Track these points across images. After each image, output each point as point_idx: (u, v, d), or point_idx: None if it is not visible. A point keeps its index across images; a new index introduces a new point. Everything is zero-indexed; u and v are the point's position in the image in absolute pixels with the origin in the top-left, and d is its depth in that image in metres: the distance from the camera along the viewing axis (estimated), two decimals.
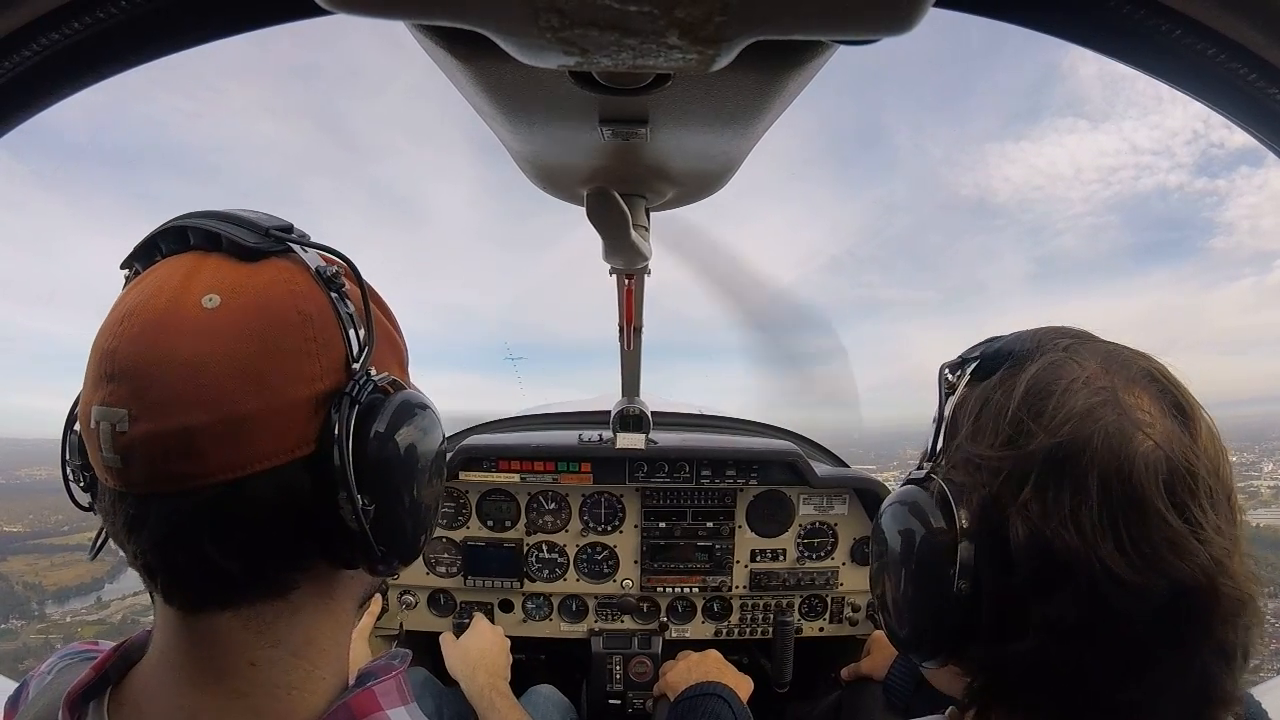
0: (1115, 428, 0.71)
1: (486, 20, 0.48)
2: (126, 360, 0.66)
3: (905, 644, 0.86)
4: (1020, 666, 0.73)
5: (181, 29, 0.73)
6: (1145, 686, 0.70)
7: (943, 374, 0.88)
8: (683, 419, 3.26)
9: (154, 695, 0.75)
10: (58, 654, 0.89)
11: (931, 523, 0.78)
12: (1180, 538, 0.67)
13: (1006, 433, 0.75)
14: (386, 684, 0.81)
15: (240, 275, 0.71)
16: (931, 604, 0.79)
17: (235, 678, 0.73)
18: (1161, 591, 0.67)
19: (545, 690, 2.36)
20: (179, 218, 0.75)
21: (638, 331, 1.94)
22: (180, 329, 0.67)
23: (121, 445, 0.66)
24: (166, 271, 0.72)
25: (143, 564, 0.71)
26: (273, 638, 0.74)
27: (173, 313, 0.67)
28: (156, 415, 0.65)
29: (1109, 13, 0.63)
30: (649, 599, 2.70)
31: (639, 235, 1.09)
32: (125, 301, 0.70)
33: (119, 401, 0.66)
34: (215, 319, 0.67)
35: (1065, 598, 0.69)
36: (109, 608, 12.82)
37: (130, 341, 0.67)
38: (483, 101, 0.74)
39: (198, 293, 0.68)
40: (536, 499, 2.65)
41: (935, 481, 0.81)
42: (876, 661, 2.20)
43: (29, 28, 0.69)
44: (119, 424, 0.66)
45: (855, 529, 2.68)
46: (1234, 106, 0.70)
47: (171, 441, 0.66)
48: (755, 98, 0.71)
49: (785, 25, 0.48)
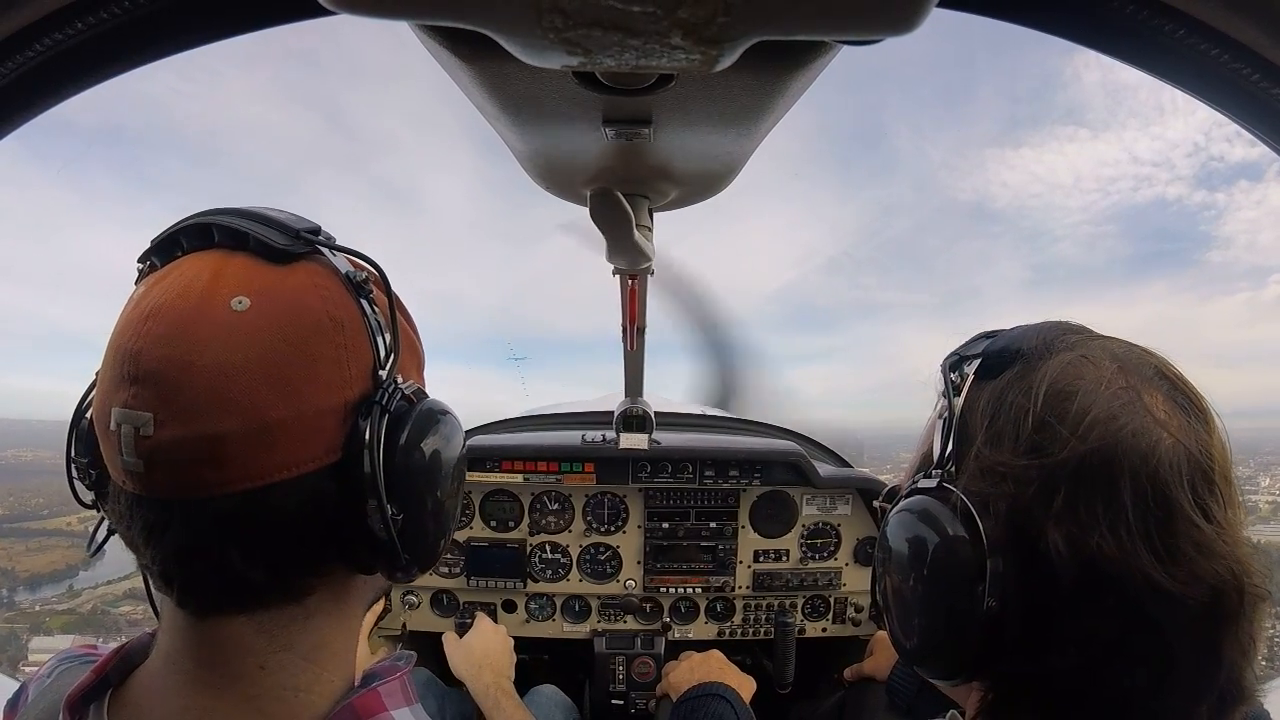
0: (1141, 429, 0.70)
1: (490, 21, 0.49)
2: (152, 362, 0.64)
3: (920, 660, 0.82)
4: (1058, 682, 0.71)
5: (185, 30, 0.73)
6: (1180, 691, 0.69)
7: (945, 371, 0.85)
8: (686, 419, 3.26)
9: (157, 698, 0.75)
10: (57, 657, 0.89)
11: (951, 535, 0.74)
12: (1208, 540, 0.67)
13: (1031, 439, 0.73)
14: (391, 684, 0.81)
15: (270, 277, 0.69)
16: (956, 623, 0.75)
17: (244, 681, 0.73)
18: (1197, 598, 0.66)
19: (548, 690, 2.36)
20: (203, 213, 0.73)
21: (641, 332, 1.94)
22: (209, 331, 0.65)
23: (145, 450, 0.64)
24: (192, 269, 0.70)
25: (159, 570, 0.70)
26: (285, 641, 0.74)
27: (201, 314, 0.66)
28: (184, 421, 0.64)
29: (1112, 12, 0.63)
30: (652, 599, 2.70)
31: (642, 235, 1.09)
32: (148, 299, 0.68)
33: (144, 405, 0.64)
34: (245, 322, 0.66)
35: (1107, 610, 0.68)
36: (80, 596, 12.74)
37: (156, 343, 0.65)
38: (486, 102, 0.74)
39: (226, 294, 0.67)
40: (540, 499, 2.66)
41: (953, 493, 0.76)
42: (879, 662, 2.20)
43: (32, 28, 0.69)
44: (143, 428, 0.64)
45: (859, 529, 2.68)
46: (1237, 107, 0.70)
47: (198, 448, 0.64)
48: (758, 98, 0.71)
49: (788, 25, 0.48)
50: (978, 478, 0.76)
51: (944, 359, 0.86)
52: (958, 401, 0.81)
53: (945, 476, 0.79)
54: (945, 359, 0.86)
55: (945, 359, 0.86)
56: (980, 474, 0.76)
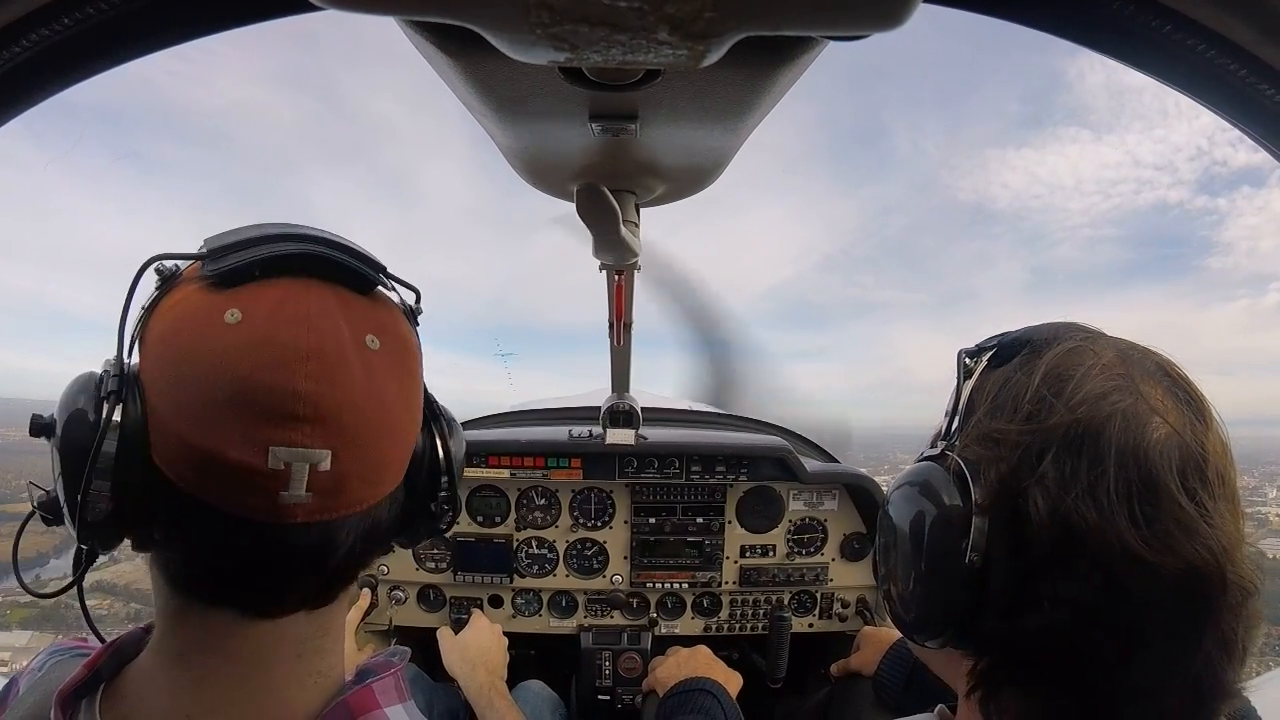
0: (1132, 411, 0.72)
1: (477, 17, 0.48)
2: (322, 400, 0.68)
3: (909, 622, 0.85)
4: (1030, 643, 0.73)
5: (174, 24, 0.72)
6: (1150, 670, 0.70)
7: (960, 359, 0.88)
8: (673, 414, 3.26)
9: (150, 694, 0.75)
10: (47, 650, 0.89)
11: (945, 498, 0.78)
12: (1191, 520, 0.68)
13: (1026, 409, 0.76)
14: (385, 681, 0.82)
15: (377, 314, 0.78)
16: (941, 579, 0.78)
17: (241, 679, 0.74)
18: (1173, 572, 0.67)
19: (535, 686, 2.37)
20: (282, 238, 0.73)
21: (628, 328, 1.94)
22: (363, 372, 0.72)
23: (321, 483, 0.69)
24: (309, 305, 0.71)
25: (238, 590, 0.74)
26: (282, 640, 0.75)
27: (351, 355, 0.72)
28: (359, 452, 0.71)
29: (1100, 8, 0.64)
30: (639, 594, 2.70)
31: (629, 231, 1.09)
32: (279, 335, 0.68)
33: (321, 443, 0.68)
34: (382, 361, 0.75)
35: (1080, 572, 0.69)
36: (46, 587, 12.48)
37: (321, 383, 0.68)
38: (472, 98, 0.74)
39: (361, 333, 0.74)
40: (526, 494, 2.65)
41: (951, 458, 0.80)
42: (867, 657, 2.21)
43: (19, 23, 0.68)
44: (321, 464, 0.68)
45: (845, 525, 2.69)
46: (1226, 103, 0.70)
47: (368, 473, 0.73)
48: (745, 93, 0.71)
49: (774, 21, 0.48)
50: (974, 444, 0.80)
51: (960, 349, 0.90)
52: (968, 384, 0.86)
53: (947, 446, 0.83)
54: (961, 349, 0.90)
55: (961, 349, 0.90)
56: (977, 440, 0.80)
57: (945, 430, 0.86)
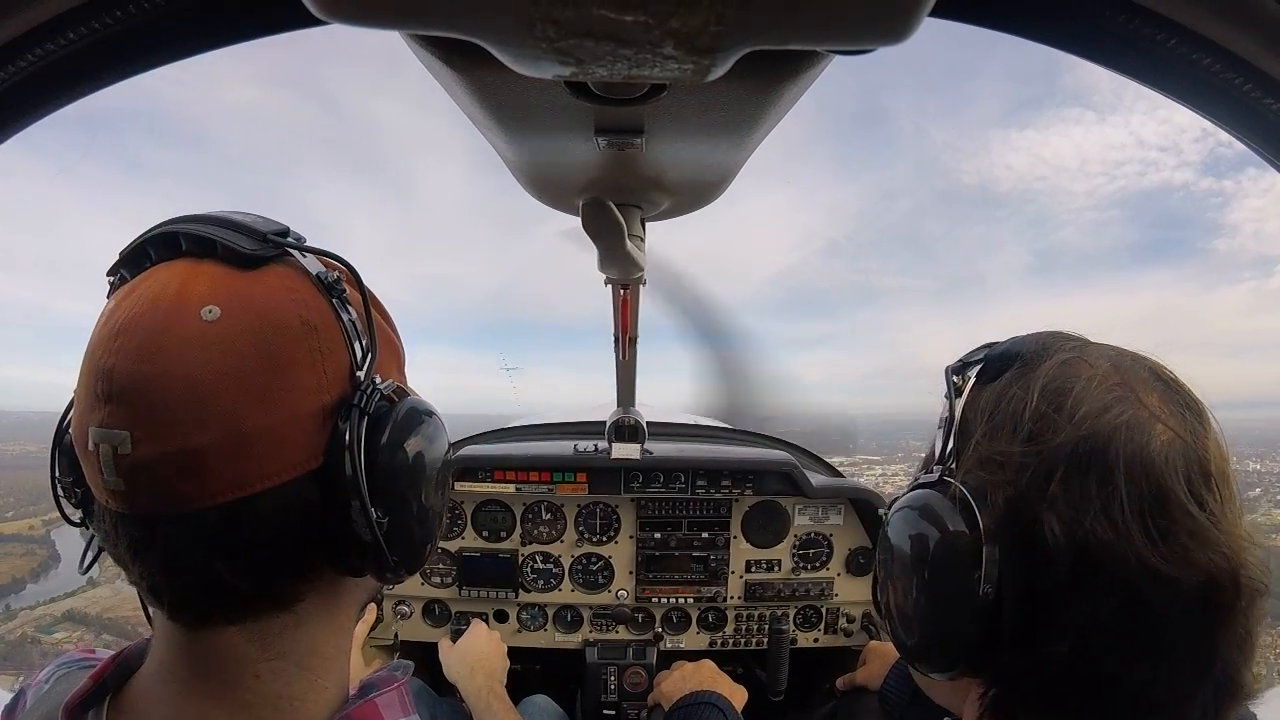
0: (1135, 420, 0.71)
1: (482, 31, 0.48)
2: (125, 379, 0.64)
3: (918, 655, 0.83)
4: (1054, 671, 0.71)
5: (177, 40, 0.73)
6: (1175, 682, 0.70)
7: (948, 376, 0.86)
8: (678, 429, 3.26)
9: (154, 705, 0.75)
10: (55, 662, 0.89)
11: (949, 526, 0.76)
12: (1202, 529, 0.68)
13: (1028, 428, 0.74)
14: (389, 695, 0.81)
15: (239, 284, 0.69)
16: (952, 612, 0.76)
17: (239, 690, 0.73)
18: (1191, 583, 0.67)
19: (540, 700, 2.35)
20: (168, 222, 0.72)
21: (633, 342, 1.94)
22: (180, 344, 0.64)
23: (124, 468, 0.64)
24: (160, 280, 0.69)
25: (148, 585, 0.70)
26: (277, 650, 0.74)
27: (171, 327, 0.65)
28: (161, 437, 0.64)
29: (1103, 21, 0.64)
30: (644, 609, 2.69)
31: (634, 245, 1.09)
32: (118, 314, 0.67)
33: (120, 424, 0.64)
34: (216, 332, 0.65)
35: (1099, 594, 0.68)
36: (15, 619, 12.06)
37: (128, 359, 0.64)
38: (478, 112, 0.74)
39: (196, 304, 0.66)
40: (532, 509, 2.64)
41: (951, 484, 0.78)
42: (872, 671, 2.19)
43: (24, 38, 0.68)
44: (121, 446, 0.64)
45: (851, 539, 2.68)
46: (1229, 116, 0.70)
47: (178, 463, 0.64)
48: (751, 108, 0.71)
49: (780, 35, 0.48)
50: (976, 469, 0.78)
51: (947, 366, 0.88)
52: (959, 403, 0.84)
53: (945, 471, 0.81)
54: (948, 366, 0.88)
55: (948, 366, 0.88)
56: (979, 464, 0.78)
57: (940, 454, 0.83)
